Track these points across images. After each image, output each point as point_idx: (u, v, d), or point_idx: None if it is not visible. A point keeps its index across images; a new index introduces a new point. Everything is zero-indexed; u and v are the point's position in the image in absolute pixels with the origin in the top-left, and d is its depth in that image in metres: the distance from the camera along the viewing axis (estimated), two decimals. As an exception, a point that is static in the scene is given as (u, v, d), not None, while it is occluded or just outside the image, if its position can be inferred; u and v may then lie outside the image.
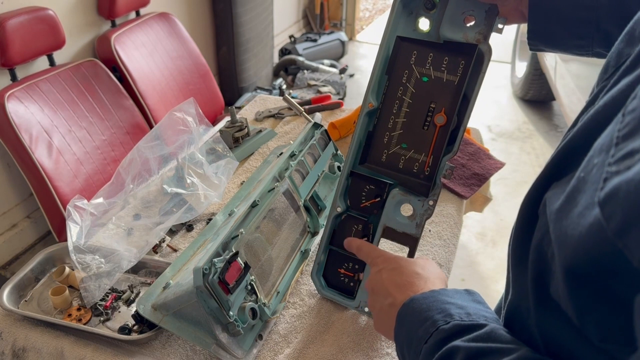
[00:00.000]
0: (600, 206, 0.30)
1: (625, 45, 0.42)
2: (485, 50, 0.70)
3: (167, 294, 0.79)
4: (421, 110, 0.74)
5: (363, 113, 0.77)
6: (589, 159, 0.35)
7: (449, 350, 0.45)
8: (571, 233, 0.33)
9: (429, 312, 0.52)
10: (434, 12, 0.72)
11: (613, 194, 0.29)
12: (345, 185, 0.83)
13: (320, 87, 3.33)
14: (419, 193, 0.77)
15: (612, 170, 0.30)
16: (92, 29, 2.19)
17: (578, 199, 0.34)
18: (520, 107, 3.52)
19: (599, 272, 0.32)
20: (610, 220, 0.29)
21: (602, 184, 0.31)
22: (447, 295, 0.54)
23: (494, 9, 0.68)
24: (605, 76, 0.43)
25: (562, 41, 0.64)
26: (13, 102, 1.67)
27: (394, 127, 0.77)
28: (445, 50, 0.72)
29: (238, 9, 2.95)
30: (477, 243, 2.37)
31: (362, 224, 0.84)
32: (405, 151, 0.77)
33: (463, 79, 0.71)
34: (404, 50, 0.74)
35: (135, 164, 1.02)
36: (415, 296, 0.56)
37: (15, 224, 2.02)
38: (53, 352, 0.82)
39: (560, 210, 0.36)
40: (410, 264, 0.67)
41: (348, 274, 0.87)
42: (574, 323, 0.36)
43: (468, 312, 0.50)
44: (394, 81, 0.75)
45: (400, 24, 0.74)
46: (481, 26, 0.69)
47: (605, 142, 0.33)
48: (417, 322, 0.52)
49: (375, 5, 6.06)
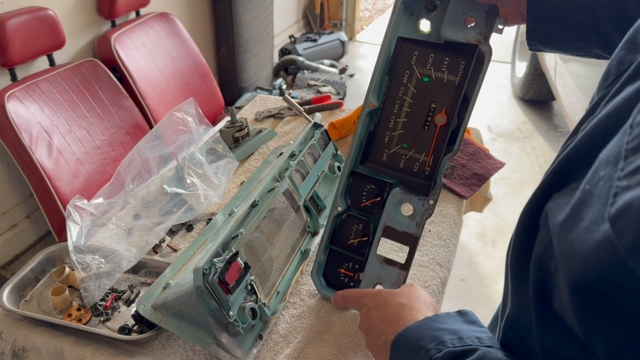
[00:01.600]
0: (611, 222, 0.29)
1: (627, 53, 0.41)
2: (485, 50, 0.70)
3: (167, 294, 0.79)
4: (422, 110, 0.75)
5: (364, 113, 0.77)
6: (595, 171, 0.34)
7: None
8: (578, 248, 0.33)
9: (422, 341, 0.51)
10: (434, 14, 0.73)
11: (625, 210, 0.28)
12: (345, 185, 0.83)
13: (320, 87, 3.33)
14: (420, 192, 0.77)
15: (623, 185, 0.29)
16: (92, 29, 2.19)
17: (584, 213, 0.33)
18: (520, 107, 3.52)
19: (608, 289, 0.31)
20: (622, 238, 0.28)
21: (612, 199, 0.30)
22: (439, 322, 0.54)
23: (494, 10, 0.68)
24: (606, 84, 0.42)
25: (561, 42, 0.64)
26: (13, 102, 1.67)
27: (395, 126, 0.77)
28: (446, 51, 0.72)
29: (238, 9, 2.95)
30: (477, 243, 2.37)
31: (362, 224, 0.84)
32: (406, 151, 0.77)
33: (463, 79, 0.72)
34: (405, 51, 0.74)
35: (135, 164, 1.02)
36: (409, 326, 0.56)
37: (15, 224, 2.02)
38: (53, 352, 0.82)
39: (565, 223, 0.35)
40: (394, 296, 0.66)
41: (348, 273, 0.87)
42: (578, 338, 0.36)
43: (460, 337, 0.49)
44: (395, 81, 0.76)
45: (401, 25, 0.74)
46: (481, 27, 0.70)
47: (612, 153, 0.32)
48: (410, 353, 0.52)
49: (375, 5, 6.06)
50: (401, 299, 0.64)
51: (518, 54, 3.58)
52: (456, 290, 2.12)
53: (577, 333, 0.35)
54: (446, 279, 0.99)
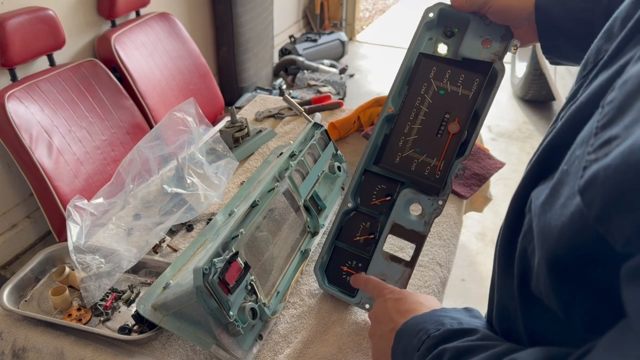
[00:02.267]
0: (581, 194, 0.30)
1: (604, 42, 0.42)
2: (499, 68, 0.76)
3: (167, 294, 0.79)
4: (436, 119, 0.80)
5: (382, 117, 0.83)
6: (572, 152, 0.35)
7: (438, 352, 0.47)
8: (554, 224, 0.34)
9: (424, 324, 0.54)
10: (452, 39, 0.79)
11: (592, 180, 0.30)
12: (357, 182, 0.86)
13: (320, 87, 3.33)
14: (430, 192, 0.81)
15: (591, 159, 0.31)
16: (92, 29, 2.19)
17: (561, 191, 0.34)
18: (520, 107, 3.52)
19: (582, 261, 0.32)
20: (590, 207, 0.29)
21: (582, 172, 0.31)
22: (443, 311, 0.57)
23: (509, 33, 0.74)
24: (584, 72, 0.44)
25: (571, 54, 0.69)
26: (13, 102, 1.67)
27: (410, 132, 0.81)
28: (462, 67, 0.78)
29: (238, 9, 2.95)
30: (477, 243, 2.37)
31: (370, 221, 0.86)
32: (419, 155, 0.81)
33: (477, 94, 0.77)
34: (424, 66, 0.80)
35: (135, 164, 1.02)
36: (416, 315, 0.59)
37: (15, 224, 2.02)
38: (53, 352, 0.82)
39: (544, 203, 0.37)
40: (415, 295, 0.69)
41: (351, 271, 0.87)
42: (559, 319, 0.36)
43: (460, 322, 0.52)
44: (413, 91, 0.81)
45: (422, 43, 0.81)
46: (497, 48, 0.76)
47: (585, 134, 0.34)
48: (412, 335, 0.54)
49: (375, 5, 6.06)
50: (420, 299, 0.68)
51: (518, 54, 3.58)
52: (456, 290, 2.12)
53: (557, 311, 0.36)
54: (446, 279, 0.99)
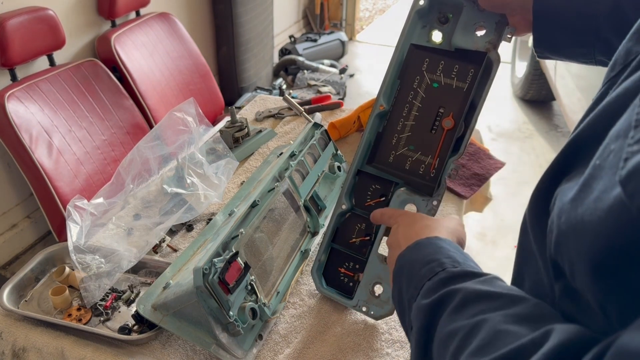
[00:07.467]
0: (622, 185, 0.29)
1: (635, 43, 0.41)
2: (494, 58, 0.73)
3: (167, 294, 0.79)
4: (430, 114, 0.77)
5: (374, 115, 0.79)
6: (605, 147, 0.34)
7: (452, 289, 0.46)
8: (588, 219, 0.32)
9: (436, 254, 0.54)
10: (447, 26, 0.75)
11: (636, 170, 0.28)
12: (351, 184, 0.85)
13: (320, 87, 3.32)
14: (424, 193, 0.79)
15: (634, 150, 0.30)
16: (92, 29, 2.19)
17: (594, 186, 0.33)
18: (520, 107, 3.52)
19: (622, 255, 0.30)
20: (633, 197, 0.28)
21: (622, 163, 0.30)
22: (449, 245, 0.57)
23: (503, 20, 0.71)
24: (612, 73, 0.43)
25: (566, 49, 0.66)
26: (13, 102, 1.67)
27: (403, 129, 0.79)
28: (455, 58, 0.75)
29: (238, 9, 2.95)
30: (477, 243, 2.37)
31: (365, 223, 0.85)
32: (413, 153, 0.79)
33: (472, 85, 0.74)
34: (416, 57, 0.77)
35: (135, 164, 1.02)
36: (420, 240, 0.59)
37: (15, 224, 2.02)
38: (53, 352, 0.82)
39: (574, 199, 0.35)
40: (425, 219, 0.68)
41: (348, 273, 0.87)
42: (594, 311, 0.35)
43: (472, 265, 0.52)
44: (405, 86, 0.78)
45: (414, 33, 0.77)
46: (491, 36, 0.73)
47: (622, 128, 0.33)
48: (421, 262, 0.54)
49: (375, 5, 6.06)
50: (429, 221, 0.66)
51: (518, 54, 3.58)
52: (456, 290, 2.11)
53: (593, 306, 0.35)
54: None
